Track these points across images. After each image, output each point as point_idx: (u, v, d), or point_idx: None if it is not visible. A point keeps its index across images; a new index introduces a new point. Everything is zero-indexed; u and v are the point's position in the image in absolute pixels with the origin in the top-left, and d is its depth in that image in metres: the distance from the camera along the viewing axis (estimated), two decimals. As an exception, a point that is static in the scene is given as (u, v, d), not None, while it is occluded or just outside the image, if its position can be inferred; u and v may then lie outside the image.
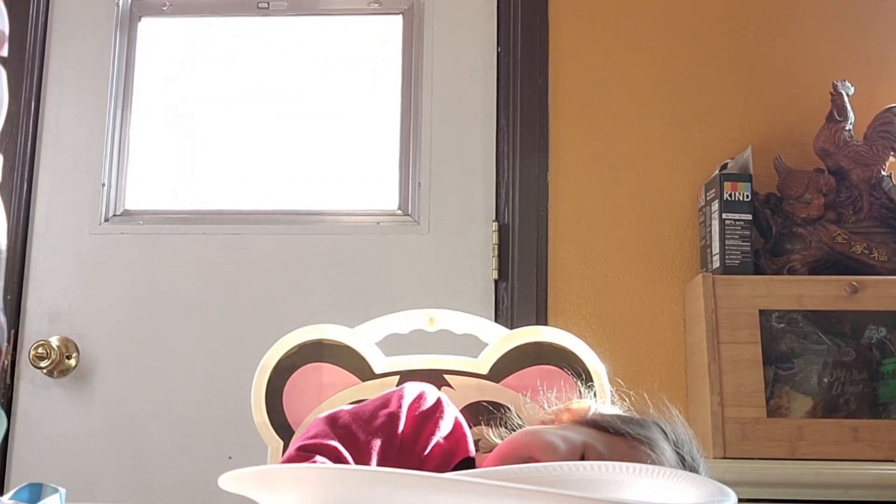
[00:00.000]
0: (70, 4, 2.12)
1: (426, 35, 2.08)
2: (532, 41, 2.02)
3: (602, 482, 0.62)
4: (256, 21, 2.15)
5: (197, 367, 1.96)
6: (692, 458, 0.94)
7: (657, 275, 1.95)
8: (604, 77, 2.02)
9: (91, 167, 2.04)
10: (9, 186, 1.99)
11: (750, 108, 1.99)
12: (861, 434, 1.65)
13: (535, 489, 0.46)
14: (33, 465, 1.92)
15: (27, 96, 2.04)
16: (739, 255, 1.77)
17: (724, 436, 1.64)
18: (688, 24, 2.03)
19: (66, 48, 2.10)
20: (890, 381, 1.71)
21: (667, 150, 1.98)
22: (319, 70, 2.12)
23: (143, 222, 2.04)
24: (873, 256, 1.80)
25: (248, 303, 1.97)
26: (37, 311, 1.99)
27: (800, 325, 1.74)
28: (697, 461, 0.94)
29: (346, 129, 2.09)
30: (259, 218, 2.04)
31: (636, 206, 1.97)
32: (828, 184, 1.85)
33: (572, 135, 2.00)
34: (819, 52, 2.00)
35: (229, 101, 2.11)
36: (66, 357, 1.96)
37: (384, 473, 0.48)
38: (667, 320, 1.92)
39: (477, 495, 0.46)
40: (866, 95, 1.92)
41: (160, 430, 1.93)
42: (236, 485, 0.51)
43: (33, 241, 2.02)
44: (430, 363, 1.14)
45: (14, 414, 1.94)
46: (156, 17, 2.16)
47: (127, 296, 1.99)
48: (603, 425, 0.94)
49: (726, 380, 1.68)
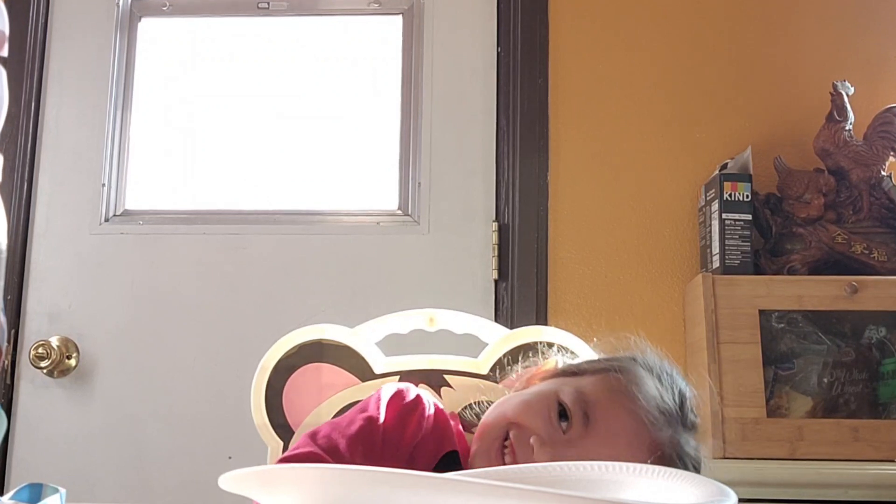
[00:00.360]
0: (70, 4, 2.12)
1: (426, 35, 2.08)
2: (532, 41, 2.02)
3: (602, 482, 0.62)
4: (256, 21, 2.15)
5: (197, 367, 1.96)
6: (669, 377, 0.94)
7: (657, 275, 1.95)
8: (604, 77, 2.02)
9: (91, 167, 2.04)
10: (9, 186, 1.99)
11: (750, 108, 1.99)
12: (861, 434, 1.65)
13: (536, 489, 0.46)
14: (33, 465, 1.92)
15: (27, 96, 2.04)
16: (739, 255, 1.77)
17: (724, 436, 1.64)
18: (688, 24, 2.03)
19: (66, 48, 2.10)
20: (890, 381, 1.71)
21: (667, 150, 1.98)
22: (319, 70, 2.12)
23: (143, 222, 2.04)
24: (873, 256, 1.80)
25: (248, 303, 1.97)
26: (37, 311, 1.99)
27: (800, 325, 1.74)
28: (676, 380, 0.95)
29: (347, 129, 2.09)
30: (259, 218, 2.04)
31: (636, 206, 1.97)
32: (828, 184, 1.85)
33: (572, 135, 2.00)
34: (819, 52, 2.00)
35: (229, 101, 2.11)
36: (66, 357, 1.96)
37: (384, 473, 0.48)
38: (667, 320, 1.92)
39: (477, 495, 0.46)
40: (866, 95, 1.92)
41: (160, 430, 1.93)
42: (236, 485, 0.51)
43: (33, 241, 2.02)
44: (430, 363, 1.14)
45: (14, 414, 1.94)
46: (156, 17, 2.16)
47: (127, 296, 1.99)
48: (572, 370, 0.96)
49: (726, 380, 1.68)
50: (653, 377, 0.94)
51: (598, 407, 0.90)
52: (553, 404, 0.91)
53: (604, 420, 0.89)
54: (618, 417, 0.89)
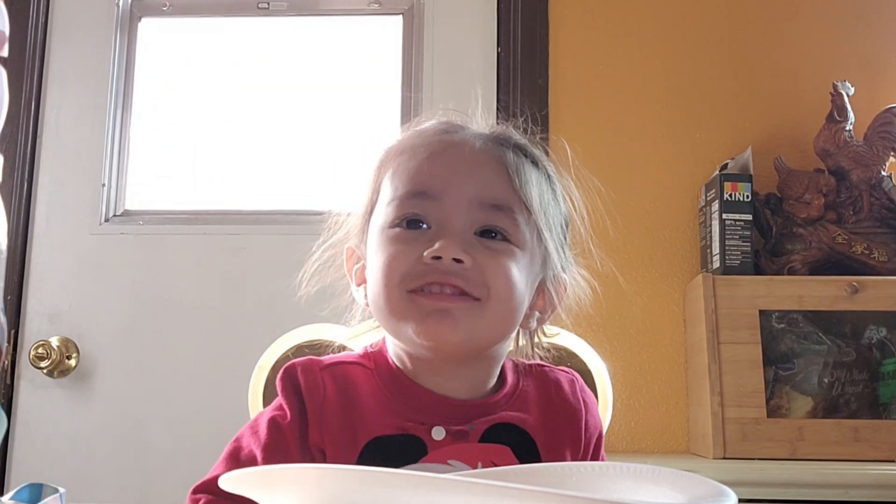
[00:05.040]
0: (70, 4, 2.11)
1: (426, 35, 2.08)
2: (532, 41, 2.02)
3: (602, 482, 0.62)
4: (256, 21, 2.15)
5: (197, 367, 1.96)
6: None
7: (657, 275, 1.95)
8: (604, 77, 2.02)
9: (91, 167, 2.04)
10: (9, 186, 1.99)
11: (750, 108, 1.99)
12: (861, 434, 1.65)
13: (535, 489, 0.46)
14: (33, 465, 1.92)
15: (27, 96, 2.04)
16: (739, 255, 1.77)
17: (724, 436, 1.64)
18: (688, 24, 2.03)
19: (66, 48, 2.10)
20: (890, 381, 1.71)
21: (667, 151, 1.98)
22: (319, 70, 2.12)
23: (143, 222, 2.04)
24: (873, 257, 1.80)
25: (248, 303, 1.97)
26: (37, 311, 1.99)
27: (800, 326, 1.74)
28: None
29: (347, 129, 2.09)
30: (259, 218, 2.04)
31: (636, 206, 1.97)
32: (828, 184, 1.85)
33: (572, 135, 2.00)
34: (819, 52, 2.00)
35: (229, 101, 2.11)
36: (66, 357, 1.96)
37: (384, 473, 0.48)
38: (667, 320, 1.92)
39: (477, 495, 0.46)
40: (866, 95, 1.92)
41: (160, 430, 1.93)
42: (236, 485, 0.51)
43: (33, 241, 2.02)
44: (430, 363, 1.14)
45: (14, 414, 1.94)
46: (156, 17, 2.16)
47: (127, 296, 1.99)
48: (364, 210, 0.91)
49: (726, 380, 1.68)
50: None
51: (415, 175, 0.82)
52: (397, 231, 0.81)
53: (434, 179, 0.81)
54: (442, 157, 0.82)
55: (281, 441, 0.79)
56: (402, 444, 0.79)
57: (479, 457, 0.79)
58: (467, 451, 0.79)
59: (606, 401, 1.16)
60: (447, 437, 0.79)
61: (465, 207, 0.80)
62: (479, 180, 0.82)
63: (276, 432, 0.80)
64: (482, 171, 0.82)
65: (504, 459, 0.79)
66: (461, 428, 0.80)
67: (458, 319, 0.77)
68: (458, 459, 0.78)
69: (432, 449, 0.79)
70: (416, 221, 0.81)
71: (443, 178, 0.81)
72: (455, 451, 0.79)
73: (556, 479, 0.63)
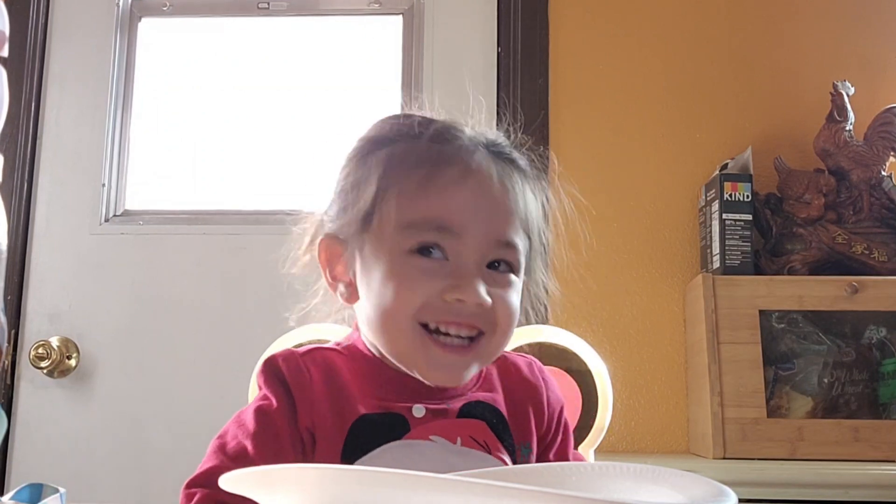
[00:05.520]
0: (70, 4, 2.12)
1: (426, 35, 2.08)
2: (532, 41, 2.02)
3: (602, 482, 0.62)
4: (256, 21, 2.15)
5: (197, 367, 1.96)
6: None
7: (657, 275, 1.95)
8: (604, 77, 2.02)
9: (91, 167, 2.04)
10: (9, 186, 1.99)
11: (750, 108, 1.99)
12: (861, 434, 1.65)
13: (535, 489, 0.46)
14: (33, 465, 1.92)
15: (27, 96, 2.04)
16: (739, 255, 1.77)
17: (724, 436, 1.64)
18: (688, 24, 2.03)
19: (66, 48, 2.10)
20: (890, 381, 1.71)
21: (667, 150, 1.98)
22: (319, 70, 2.12)
23: (143, 222, 2.04)
24: (873, 257, 1.80)
25: (248, 303, 1.97)
26: (37, 311, 1.99)
27: (800, 326, 1.74)
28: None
29: (347, 129, 2.09)
30: (259, 218, 2.04)
31: (636, 206, 1.97)
32: (828, 184, 1.85)
33: (572, 135, 2.00)
34: (819, 52, 2.00)
35: (229, 101, 2.11)
36: (66, 357, 1.96)
37: (384, 473, 0.48)
38: (667, 320, 1.92)
39: (477, 495, 0.46)
40: (866, 95, 1.92)
41: (160, 430, 1.93)
42: (236, 485, 0.51)
43: (33, 241, 2.02)
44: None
45: (14, 414, 1.94)
46: (156, 17, 2.16)
47: (127, 296, 1.99)
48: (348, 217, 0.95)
49: (726, 380, 1.68)
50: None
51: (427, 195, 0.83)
52: (413, 257, 0.81)
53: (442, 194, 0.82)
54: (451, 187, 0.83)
55: (271, 427, 0.80)
56: (386, 421, 0.81)
57: (458, 432, 0.82)
58: (447, 427, 0.81)
59: (606, 401, 1.16)
60: (427, 414, 0.82)
61: (482, 245, 0.82)
62: (497, 220, 0.83)
63: (264, 420, 0.81)
64: (498, 209, 0.84)
65: (482, 434, 0.83)
66: (440, 406, 0.83)
67: (466, 369, 0.81)
68: (439, 435, 0.81)
69: (414, 426, 0.81)
70: (431, 248, 0.82)
71: (464, 214, 0.82)
72: (436, 427, 0.81)
73: (556, 479, 0.63)
